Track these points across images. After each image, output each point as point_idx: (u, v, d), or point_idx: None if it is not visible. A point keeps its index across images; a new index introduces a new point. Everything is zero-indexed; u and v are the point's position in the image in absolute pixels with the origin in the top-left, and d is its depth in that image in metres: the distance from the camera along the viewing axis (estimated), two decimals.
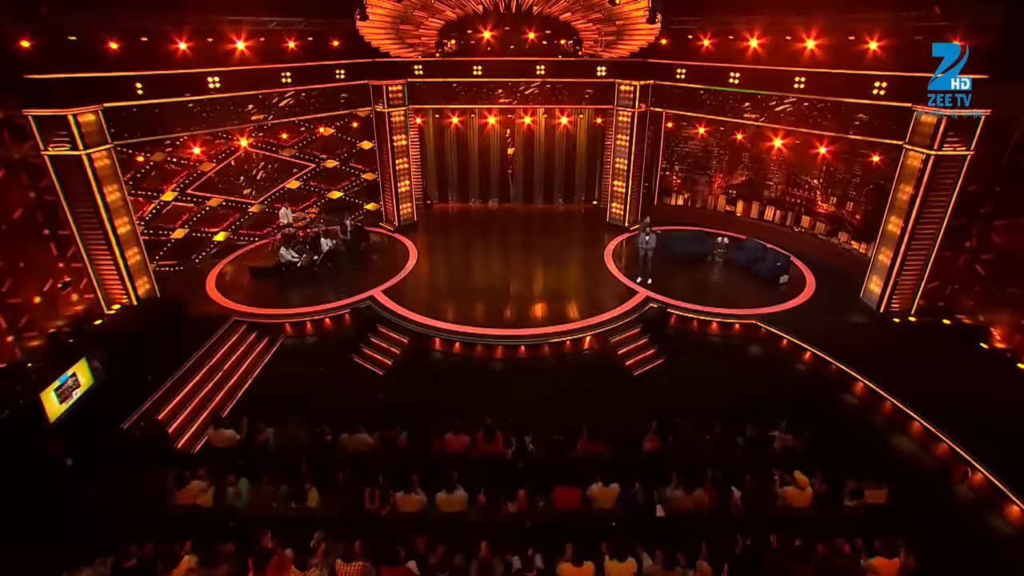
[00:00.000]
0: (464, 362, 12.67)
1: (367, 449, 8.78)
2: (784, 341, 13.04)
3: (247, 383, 12.20)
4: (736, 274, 15.69)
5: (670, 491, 7.69)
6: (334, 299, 14.06)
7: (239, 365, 12.36)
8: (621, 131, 18.18)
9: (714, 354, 13.06)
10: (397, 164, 18.59)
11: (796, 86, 14.70)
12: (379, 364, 12.59)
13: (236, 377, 12.13)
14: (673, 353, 12.79)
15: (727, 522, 7.46)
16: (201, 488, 7.77)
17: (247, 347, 12.83)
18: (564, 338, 12.84)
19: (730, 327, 13.67)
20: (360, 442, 8.88)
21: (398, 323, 13.17)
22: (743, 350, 13.24)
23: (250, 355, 12.69)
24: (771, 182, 18.46)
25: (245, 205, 17.32)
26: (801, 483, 7.75)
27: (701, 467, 8.10)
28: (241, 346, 12.73)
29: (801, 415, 9.72)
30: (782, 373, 12.43)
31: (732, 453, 8.83)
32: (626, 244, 16.84)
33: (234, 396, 11.81)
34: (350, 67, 17.06)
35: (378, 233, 18.67)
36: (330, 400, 11.09)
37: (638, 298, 14.10)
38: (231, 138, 16.42)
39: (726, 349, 13.25)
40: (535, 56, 17.79)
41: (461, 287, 14.98)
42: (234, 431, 9.03)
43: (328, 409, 10.20)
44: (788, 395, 11.57)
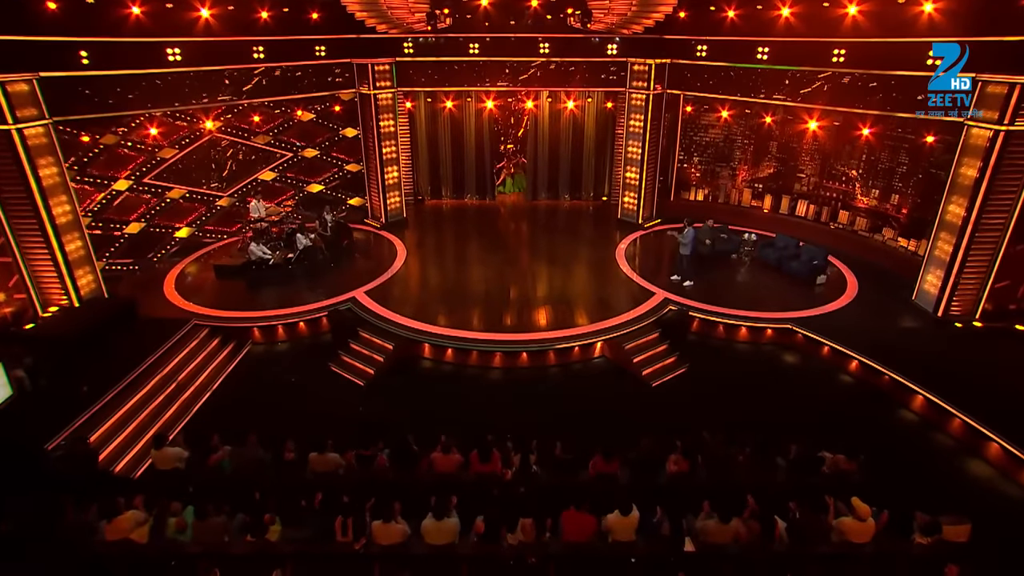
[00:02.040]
0: (457, 371, 12.21)
1: (340, 470, 8.17)
2: (826, 348, 12.40)
3: (205, 395, 11.57)
4: (766, 274, 15.20)
5: (701, 521, 7.04)
6: (310, 301, 13.62)
7: (197, 375, 11.73)
8: (634, 112, 17.67)
9: (743, 363, 12.57)
10: (384, 151, 18.07)
11: (835, 59, 14.12)
12: (360, 373, 12.09)
13: (193, 388, 11.47)
14: (696, 361, 12.27)
15: (770, 558, 6.73)
16: (136, 520, 6.96)
17: (208, 354, 12.23)
18: (571, 343, 12.27)
19: (761, 332, 13.09)
20: (331, 462, 8.23)
21: (382, 327, 12.68)
22: (777, 358, 12.71)
23: (211, 363, 12.08)
24: (803, 174, 17.96)
25: (212, 198, 16.81)
26: (861, 513, 6.95)
27: (737, 493, 7.36)
28: (201, 353, 12.11)
29: (851, 433, 9.14)
30: (824, 385, 11.86)
31: (772, 477, 8.20)
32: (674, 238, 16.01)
33: (189, 410, 11.13)
34: (331, 43, 16.67)
35: (362, 231, 18.23)
36: (302, 414, 10.56)
37: (655, 300, 13.60)
38: (196, 121, 15.88)
39: (757, 357, 12.74)
40: (538, 32, 17.47)
41: (455, 288, 14.55)
42: (181, 450, 8.24)
43: (300, 424, 9.70)
44: (834, 410, 10.94)
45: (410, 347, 12.49)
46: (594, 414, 10.71)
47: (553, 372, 12.16)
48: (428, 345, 12.45)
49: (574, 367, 12.34)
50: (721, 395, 11.31)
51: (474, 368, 12.24)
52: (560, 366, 12.32)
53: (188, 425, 10.69)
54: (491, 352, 12.21)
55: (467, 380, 11.90)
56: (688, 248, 13.69)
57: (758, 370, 12.25)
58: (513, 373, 12.09)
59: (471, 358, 12.31)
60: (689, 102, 19.05)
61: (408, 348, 12.49)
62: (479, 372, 12.15)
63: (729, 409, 10.66)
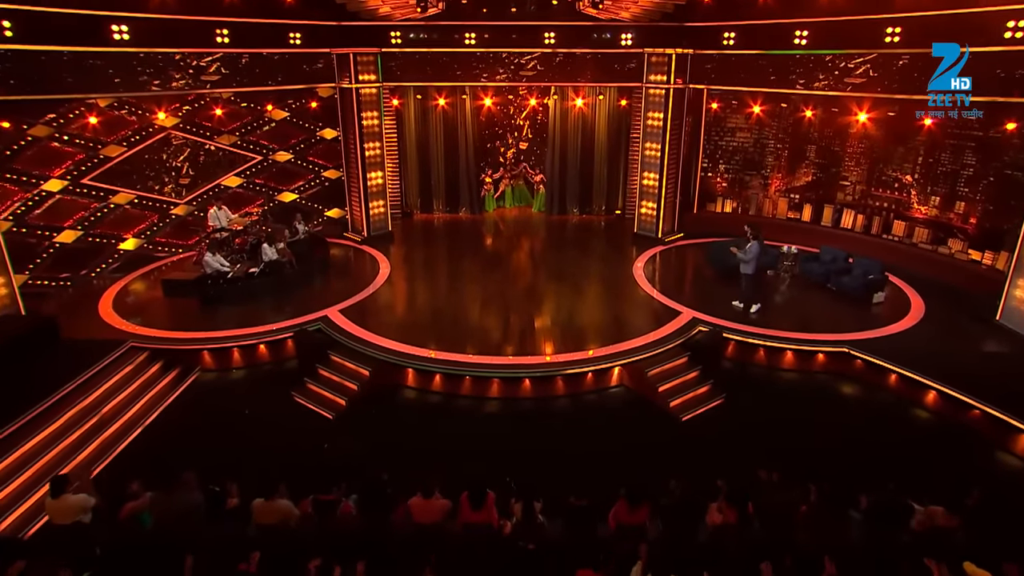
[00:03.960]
0: (447, 402, 11.49)
1: (292, 521, 7.15)
2: (893, 377, 11.49)
3: (136, 431, 10.55)
4: (811, 291, 14.62)
5: None
6: (274, 320, 12.96)
7: (128, 406, 10.72)
8: (653, 108, 17.13)
9: (791, 394, 11.85)
10: (367, 153, 17.48)
11: (888, 39, 13.64)
12: (329, 404, 11.37)
13: (121, 423, 10.41)
14: (733, 391, 11.58)
15: None
16: None
17: (145, 382, 11.33)
18: (584, 368, 11.52)
19: (811, 357, 12.31)
20: (279, 511, 7.15)
21: (358, 350, 12.02)
22: (832, 388, 11.92)
23: (147, 393, 11.13)
24: (847, 181, 17.51)
25: (166, 205, 16.08)
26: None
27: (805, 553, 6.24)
28: (136, 381, 11.19)
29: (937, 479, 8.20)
30: (894, 420, 10.96)
31: (844, 532, 7.14)
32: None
33: (112, 449, 10.04)
34: (308, 29, 16.30)
35: (341, 246, 17.75)
36: (256, 452, 9.75)
37: (681, 319, 12.96)
38: (148, 114, 15.23)
39: (808, 387, 11.99)
40: (543, 20, 17.23)
41: (446, 308, 14.06)
42: (87, 498, 7.21)
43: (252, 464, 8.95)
44: (910, 451, 9.95)
45: (390, 373, 11.83)
46: (612, 454, 9.99)
47: (562, 404, 11.48)
48: (412, 371, 11.76)
49: (587, 398, 11.67)
50: (766, 432, 10.52)
51: (467, 399, 11.53)
52: (570, 396, 11.62)
53: (108, 468, 9.68)
54: (488, 379, 11.46)
55: (459, 413, 11.21)
56: (752, 266, 12.92)
57: (810, 402, 11.49)
58: (514, 405, 11.39)
59: (464, 386, 11.59)
60: (715, 98, 18.62)
61: (388, 374, 11.82)
62: (473, 403, 11.44)
63: (777, 449, 9.85)
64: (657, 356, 11.81)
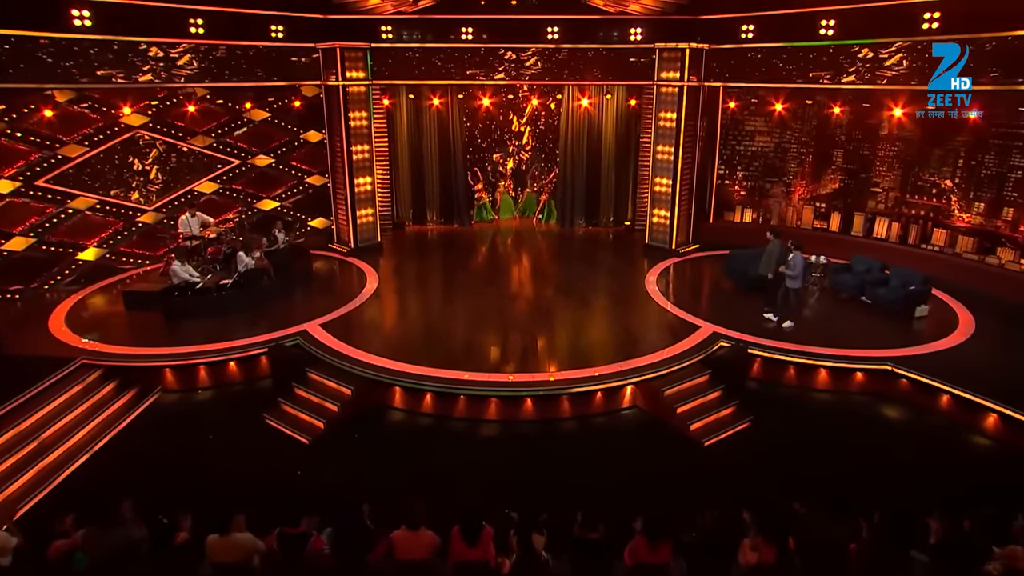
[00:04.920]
0: (438, 425, 11.10)
1: (254, 558, 6.57)
2: (945, 398, 10.94)
3: (82, 458, 9.97)
4: (843, 305, 14.30)
5: None
6: (247, 334, 12.55)
7: (74, 430, 10.16)
8: (665, 106, 16.95)
9: (827, 416, 11.40)
10: (355, 155, 17.28)
11: (926, 26, 13.33)
12: (305, 427, 10.89)
13: (64, 449, 9.82)
14: (761, 413, 11.14)
15: None
16: None
17: (97, 403, 10.81)
18: (592, 387, 11.11)
19: (848, 376, 11.84)
20: (239, 546, 6.53)
21: (340, 367, 11.61)
22: (873, 410, 11.43)
23: (98, 415, 10.59)
24: (879, 188, 17.33)
25: (133, 212, 15.77)
26: None
27: None
28: (86, 401, 10.67)
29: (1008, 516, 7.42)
30: (949, 447, 10.44)
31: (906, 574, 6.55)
32: None
33: (50, 479, 9.43)
34: (292, 22, 16.11)
35: (326, 258, 17.52)
36: (220, 481, 9.24)
37: (701, 334, 12.56)
38: (113, 111, 14.94)
39: (845, 408, 11.54)
40: (546, 13, 17.12)
41: (439, 321, 13.83)
42: (7, 536, 6.64)
43: (214, 495, 8.23)
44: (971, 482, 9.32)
45: (375, 392, 11.42)
46: (625, 483, 9.52)
47: (568, 427, 11.08)
48: (400, 389, 11.34)
49: (596, 420, 11.24)
50: (799, 458, 10.07)
51: (461, 421, 11.13)
52: (578, 419, 11.21)
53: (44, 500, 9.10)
54: (485, 398, 11.05)
55: (451, 436, 10.81)
56: (798, 280, 12.75)
57: (848, 426, 11.00)
58: (514, 427, 11.02)
59: (457, 407, 11.16)
60: (732, 96, 18.46)
61: (372, 394, 11.41)
62: (468, 426, 11.04)
63: (812, 477, 9.37)
64: (674, 374, 11.39)
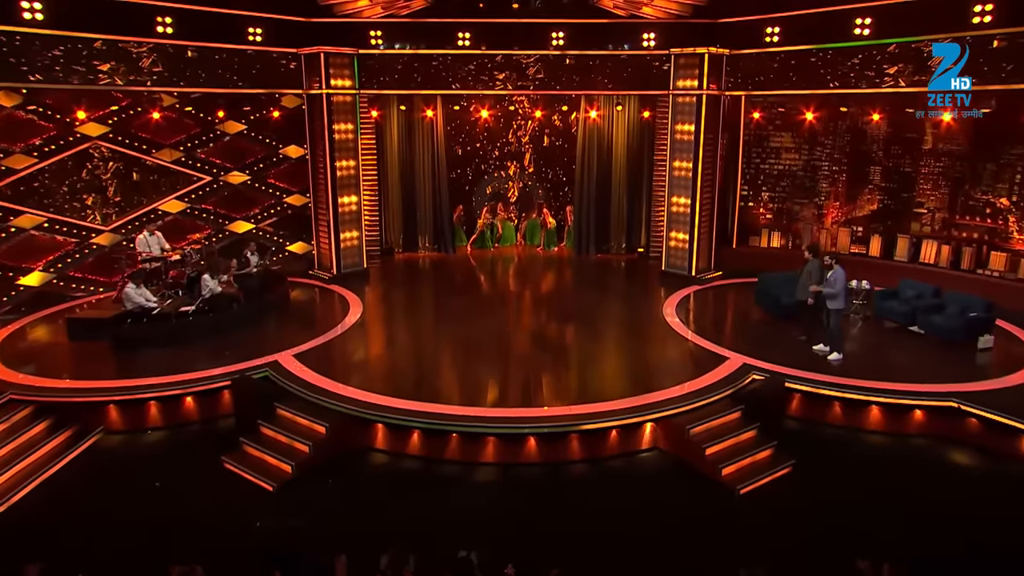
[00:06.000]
0: (427, 469, 10.50)
1: None
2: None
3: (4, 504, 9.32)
4: (892, 334, 13.82)
5: None
6: (209, 366, 12.02)
7: None
8: (682, 117, 16.85)
9: (880, 460, 10.75)
10: (339, 171, 17.05)
11: (976, 19, 12.99)
12: (270, 471, 10.21)
13: None
14: (804, 457, 10.49)
15: None
16: None
17: (25, 444, 10.20)
18: (606, 423, 10.49)
19: (905, 414, 11.14)
20: None
21: (314, 401, 11.04)
22: (939, 455, 10.77)
23: (25, 458, 9.97)
24: (924, 208, 17.04)
25: (87, 232, 15.48)
26: None
27: None
28: (10, 442, 10.06)
29: None
30: None
31: None
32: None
33: None
34: (271, 24, 16.06)
35: (305, 285, 17.23)
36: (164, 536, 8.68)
37: (729, 366, 12.00)
38: (67, 117, 14.75)
39: (904, 453, 10.88)
40: (550, 17, 17.13)
41: (429, 354, 13.54)
42: None
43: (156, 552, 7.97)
44: None
45: (354, 431, 10.80)
46: (647, 537, 8.91)
47: (578, 471, 10.48)
48: (382, 427, 10.73)
49: (611, 464, 10.62)
50: (852, 510, 9.35)
51: (454, 464, 10.54)
52: (589, 462, 10.58)
53: None
54: (481, 436, 10.44)
55: (442, 482, 10.25)
56: (840, 300, 12.15)
57: (907, 472, 10.32)
58: (515, 471, 10.49)
59: (449, 447, 10.55)
60: (757, 107, 18.38)
61: (350, 432, 10.79)
62: (461, 470, 10.46)
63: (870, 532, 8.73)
64: (701, 410, 10.77)
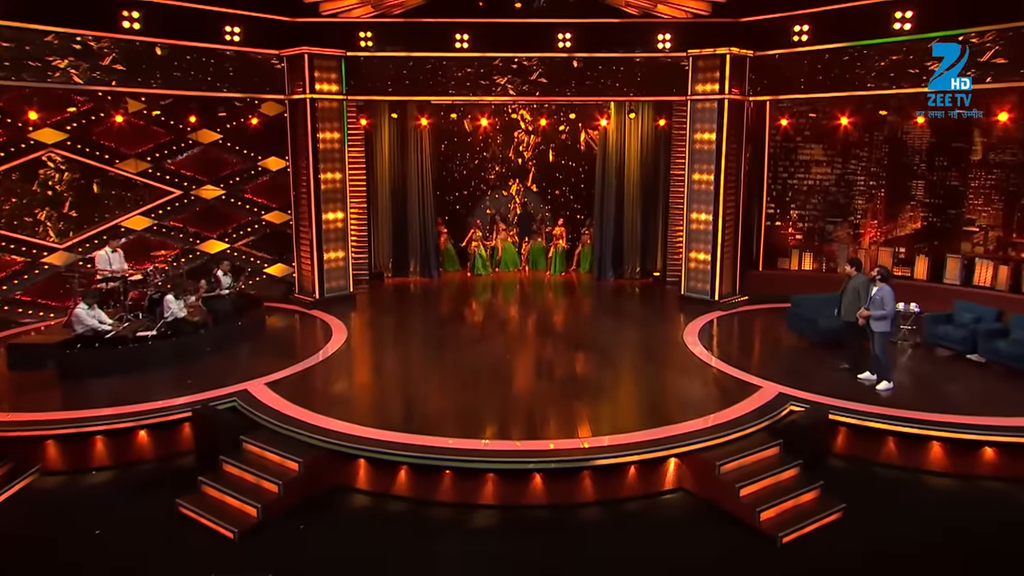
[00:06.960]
0: (416, 511, 10.02)
1: None
2: None
3: None
4: (948, 363, 13.61)
5: None
6: (167, 395, 11.69)
7: None
8: (702, 124, 16.74)
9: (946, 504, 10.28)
10: (323, 183, 16.88)
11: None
12: (232, 517, 9.67)
13: None
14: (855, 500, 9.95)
15: None
16: None
17: None
18: (622, 456, 10.00)
19: (974, 451, 10.62)
20: None
21: (287, 433, 10.65)
22: (1012, 498, 10.25)
23: None
24: (975, 226, 16.87)
25: (37, 250, 15.41)
26: None
27: None
28: None
29: None
30: None
31: None
32: None
33: None
34: (251, 23, 15.92)
35: (283, 311, 17.11)
36: None
37: (763, 396, 11.60)
38: (19, 121, 14.72)
39: (973, 496, 10.38)
40: (556, 17, 17.12)
41: (420, 383, 13.31)
42: None
43: None
44: None
45: (331, 468, 10.34)
46: None
47: (591, 514, 10.03)
48: (365, 463, 10.26)
49: (629, 506, 10.14)
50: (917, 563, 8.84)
51: (447, 506, 10.06)
52: (604, 504, 10.11)
53: None
54: (478, 473, 9.95)
55: (433, 526, 9.74)
56: (888, 323, 11.78)
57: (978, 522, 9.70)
58: (518, 514, 10.02)
59: (442, 486, 10.07)
60: (784, 113, 18.29)
61: (327, 470, 10.32)
62: (456, 513, 9.94)
63: None
64: (732, 444, 10.26)
